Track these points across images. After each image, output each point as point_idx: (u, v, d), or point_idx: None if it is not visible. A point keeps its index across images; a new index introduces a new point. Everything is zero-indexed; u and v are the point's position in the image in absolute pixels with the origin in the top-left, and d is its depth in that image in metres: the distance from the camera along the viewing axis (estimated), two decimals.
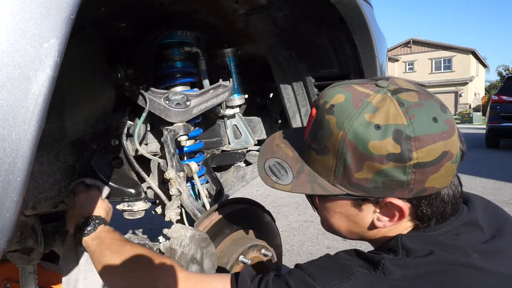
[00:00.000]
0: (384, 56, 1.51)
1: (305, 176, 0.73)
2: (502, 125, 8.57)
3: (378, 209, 0.70)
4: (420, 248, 0.66)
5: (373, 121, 0.63)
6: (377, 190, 0.66)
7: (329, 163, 0.68)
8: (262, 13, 1.34)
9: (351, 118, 0.64)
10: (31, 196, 1.11)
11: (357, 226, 0.75)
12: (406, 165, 0.62)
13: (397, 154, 0.62)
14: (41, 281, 1.63)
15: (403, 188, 0.65)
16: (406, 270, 0.63)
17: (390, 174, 0.64)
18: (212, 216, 1.15)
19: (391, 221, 0.70)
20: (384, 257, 0.65)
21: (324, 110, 0.68)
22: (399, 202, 0.67)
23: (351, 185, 0.67)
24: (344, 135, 0.64)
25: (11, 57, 0.51)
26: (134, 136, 1.22)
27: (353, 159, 0.65)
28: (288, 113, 1.59)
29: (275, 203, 4.44)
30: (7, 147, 0.52)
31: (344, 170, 0.67)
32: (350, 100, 0.66)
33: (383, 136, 0.62)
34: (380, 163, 0.63)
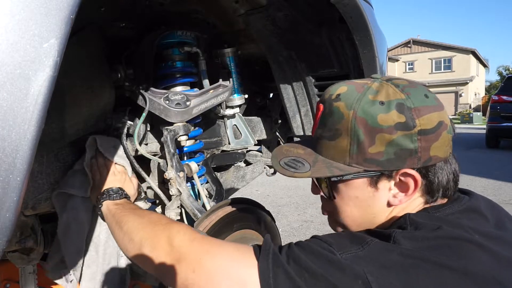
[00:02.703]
0: (384, 56, 1.50)
1: (321, 163, 0.77)
2: (502, 125, 8.58)
3: (393, 185, 0.75)
4: (428, 223, 0.69)
5: (377, 99, 0.72)
6: (390, 162, 0.72)
7: (343, 144, 0.74)
8: (262, 13, 1.33)
9: (357, 100, 0.73)
10: (31, 196, 1.11)
11: (371, 211, 0.78)
12: (412, 132, 0.70)
13: (403, 123, 0.70)
14: (41, 281, 1.63)
15: (412, 157, 0.71)
16: (415, 242, 0.66)
17: (400, 143, 0.70)
18: (212, 216, 1.15)
19: (406, 195, 0.74)
20: (394, 231, 0.69)
21: (332, 100, 0.76)
22: (412, 171, 0.72)
23: (366, 161, 0.73)
24: (355, 113, 0.72)
25: (11, 57, 0.51)
26: (134, 136, 1.22)
27: (365, 134, 0.71)
28: (288, 113, 1.59)
29: (275, 203, 4.45)
30: (6, 147, 0.52)
31: (358, 147, 0.72)
32: (353, 89, 0.75)
33: (388, 110, 0.71)
34: (390, 134, 0.70)
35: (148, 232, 0.86)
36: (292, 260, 0.68)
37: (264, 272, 0.68)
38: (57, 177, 1.16)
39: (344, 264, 0.65)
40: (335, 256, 0.66)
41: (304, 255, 0.68)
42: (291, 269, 0.67)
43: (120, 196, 1.09)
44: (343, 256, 0.66)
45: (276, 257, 0.69)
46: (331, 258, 0.66)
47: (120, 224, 0.95)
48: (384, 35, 1.55)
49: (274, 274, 0.67)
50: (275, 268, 0.67)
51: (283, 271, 0.67)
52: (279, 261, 0.68)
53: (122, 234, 0.92)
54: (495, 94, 9.26)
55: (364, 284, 0.61)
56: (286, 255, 0.69)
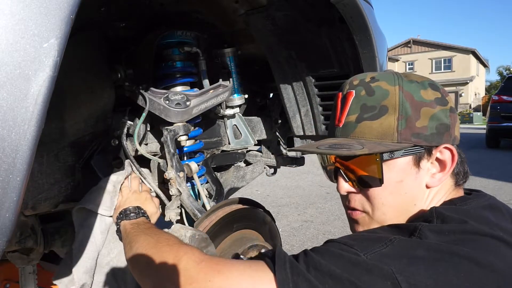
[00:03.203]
0: (384, 56, 1.50)
1: (371, 145, 0.73)
2: (503, 125, 8.58)
3: (431, 164, 0.76)
4: (455, 216, 0.69)
5: (411, 79, 0.76)
6: (433, 137, 0.74)
7: (390, 121, 0.73)
8: (262, 13, 1.33)
9: (398, 78, 0.76)
10: (31, 196, 1.11)
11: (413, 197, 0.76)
12: (446, 108, 0.75)
13: (440, 98, 0.75)
14: (41, 281, 1.63)
15: (448, 132, 0.75)
16: (442, 235, 0.65)
17: (439, 117, 0.74)
18: (212, 216, 1.15)
19: (443, 173, 0.76)
20: (420, 224, 0.67)
21: (367, 83, 0.77)
22: (450, 146, 0.75)
23: (414, 136, 0.73)
24: (401, 88, 0.74)
25: (11, 57, 0.51)
26: (134, 136, 1.22)
27: (412, 109, 0.73)
28: (288, 113, 1.59)
29: (275, 203, 4.45)
30: (6, 147, 0.52)
31: (407, 122, 0.73)
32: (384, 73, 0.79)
33: (425, 87, 0.75)
34: (432, 107, 0.73)
35: (154, 253, 0.82)
36: (312, 267, 0.64)
37: (283, 283, 0.63)
38: (57, 177, 1.16)
39: (371, 265, 0.61)
40: (359, 257, 0.63)
41: (324, 260, 0.64)
42: (313, 277, 0.62)
43: (137, 215, 1.07)
44: (368, 256, 0.62)
45: (294, 265, 0.65)
46: (355, 259, 0.62)
47: (131, 244, 0.93)
48: (384, 35, 1.55)
49: (294, 285, 0.62)
50: (294, 278, 0.63)
51: (304, 279, 0.62)
52: (298, 270, 0.64)
53: (131, 254, 0.90)
54: (495, 94, 9.26)
55: (394, 285, 0.59)
56: (304, 262, 0.65)
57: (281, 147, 1.85)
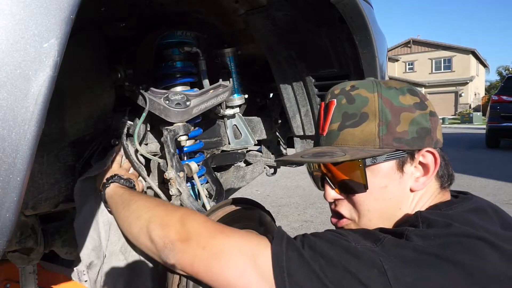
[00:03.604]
0: (384, 56, 1.50)
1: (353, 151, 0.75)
2: (502, 125, 8.58)
3: (414, 168, 0.77)
4: (440, 220, 0.70)
5: (390, 86, 0.78)
6: (415, 141, 0.75)
7: (371, 127, 0.75)
8: (262, 13, 1.33)
9: (376, 85, 0.78)
10: (31, 196, 1.11)
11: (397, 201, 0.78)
12: (426, 112, 0.77)
13: (419, 103, 0.77)
14: (41, 281, 1.63)
15: (429, 136, 0.76)
16: (427, 239, 0.66)
17: (419, 122, 0.75)
18: (211, 216, 1.15)
19: (427, 177, 0.77)
20: (407, 229, 0.69)
21: (347, 91, 0.79)
22: (432, 149, 0.76)
23: (395, 141, 0.75)
24: (380, 95, 0.76)
25: (11, 57, 0.51)
26: (134, 136, 1.22)
27: (392, 114, 0.75)
28: (288, 113, 1.59)
29: (275, 203, 4.45)
30: (6, 147, 0.52)
31: (387, 127, 0.75)
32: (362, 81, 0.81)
33: (403, 93, 0.77)
34: (411, 112, 0.75)
35: (160, 211, 0.85)
36: (307, 245, 0.68)
37: (277, 254, 0.68)
38: (57, 177, 1.16)
39: (360, 252, 0.65)
40: (351, 244, 0.67)
41: (320, 242, 0.68)
42: (307, 254, 0.67)
43: (130, 184, 1.08)
44: (358, 246, 0.67)
45: (291, 242, 0.69)
46: (347, 245, 0.66)
47: (129, 203, 0.93)
48: (384, 35, 1.55)
49: (287, 258, 0.67)
50: (289, 252, 0.67)
51: (298, 255, 0.67)
52: (294, 246, 0.68)
53: (128, 212, 0.90)
54: (495, 94, 9.27)
55: (380, 272, 0.62)
56: (301, 241, 0.70)
57: (281, 147, 1.85)
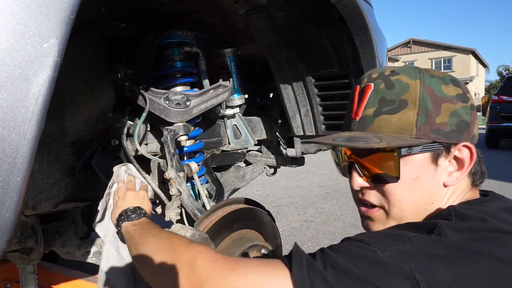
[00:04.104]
0: (384, 56, 1.50)
1: (389, 139, 0.72)
2: (502, 125, 8.57)
3: (449, 162, 0.74)
4: (474, 214, 0.67)
5: (432, 74, 0.74)
6: (453, 134, 0.72)
7: (409, 116, 0.71)
8: (262, 13, 1.33)
9: (419, 71, 0.74)
10: (31, 196, 1.11)
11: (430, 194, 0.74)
12: (467, 105, 0.73)
13: (461, 94, 0.72)
14: (41, 281, 1.63)
15: (467, 131, 0.73)
16: (462, 233, 0.63)
17: (460, 114, 0.72)
18: (212, 216, 1.15)
19: (461, 172, 0.74)
20: (440, 221, 0.66)
21: (387, 76, 0.75)
22: (469, 144, 0.73)
23: (433, 132, 0.71)
24: (422, 82, 0.72)
25: (11, 57, 0.51)
26: (134, 136, 1.22)
27: (433, 104, 0.71)
28: (288, 113, 1.59)
29: (275, 203, 4.44)
30: (7, 147, 0.52)
31: (426, 117, 0.71)
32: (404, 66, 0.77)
33: (446, 83, 0.73)
34: (453, 104, 0.71)
35: (168, 255, 0.80)
36: (329, 265, 0.63)
37: (300, 281, 0.62)
38: (57, 177, 1.16)
39: (389, 263, 0.60)
40: (377, 255, 0.61)
41: (342, 258, 0.63)
42: (330, 275, 0.61)
43: (139, 215, 1.04)
44: (386, 254, 0.61)
45: (311, 264, 0.64)
46: (373, 257, 0.61)
47: (138, 247, 0.90)
48: (384, 35, 1.55)
49: (311, 283, 0.61)
50: (311, 276, 0.62)
51: (321, 278, 0.61)
52: (315, 268, 0.63)
53: (141, 257, 0.88)
54: (495, 94, 9.26)
55: (413, 284, 0.58)
56: (321, 260, 0.64)
57: (281, 147, 1.85)
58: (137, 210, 1.05)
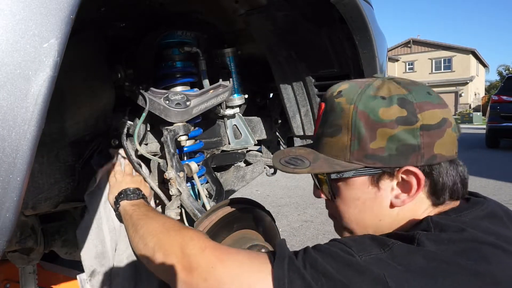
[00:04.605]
0: (384, 56, 1.50)
1: (322, 161, 0.75)
2: (502, 125, 8.57)
3: (395, 185, 0.72)
4: (452, 225, 0.66)
5: (378, 94, 0.71)
6: (392, 159, 0.69)
7: (344, 140, 0.72)
8: (262, 13, 1.33)
9: (359, 94, 0.72)
10: (31, 196, 1.11)
11: (376, 214, 0.75)
12: (414, 127, 0.68)
13: (404, 117, 0.68)
14: (41, 281, 1.63)
15: (415, 153, 0.69)
16: (441, 244, 0.63)
17: (402, 138, 0.68)
18: (212, 216, 1.15)
19: (409, 195, 0.71)
20: (418, 233, 0.65)
21: (333, 97, 0.75)
22: (415, 169, 0.69)
23: (367, 158, 0.70)
24: (356, 107, 0.70)
25: (11, 57, 0.51)
26: (134, 136, 1.22)
27: (366, 129, 0.69)
28: (288, 113, 1.59)
29: (275, 203, 4.44)
30: (6, 147, 0.52)
31: (359, 143, 0.70)
32: (354, 85, 0.75)
33: (390, 104, 0.69)
34: (391, 128, 0.68)
35: (162, 238, 0.85)
36: (308, 264, 0.65)
37: (279, 278, 0.64)
38: (57, 177, 1.16)
39: (363, 267, 0.61)
40: (354, 258, 0.63)
41: (321, 258, 0.65)
42: (308, 274, 0.63)
43: (138, 196, 1.09)
44: (363, 258, 0.63)
45: (292, 262, 0.66)
46: (350, 260, 0.63)
47: (136, 227, 0.94)
48: (384, 35, 1.55)
49: (289, 280, 0.63)
50: (290, 274, 0.64)
51: (299, 276, 0.63)
52: (295, 266, 0.65)
53: (137, 238, 0.92)
54: (495, 94, 9.26)
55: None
56: (302, 259, 0.66)
57: (281, 147, 1.85)
58: (136, 191, 1.10)
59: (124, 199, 1.07)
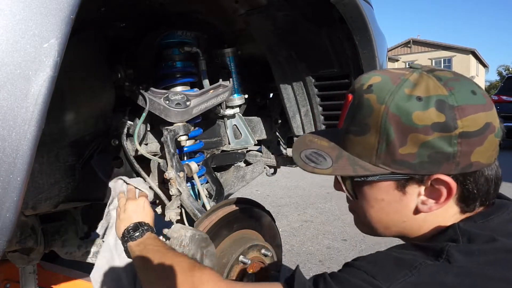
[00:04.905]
0: (384, 56, 1.50)
1: (345, 160, 0.70)
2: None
3: (423, 190, 0.67)
4: (481, 233, 0.62)
5: (414, 93, 0.63)
6: (423, 166, 0.64)
7: (370, 142, 0.66)
8: (262, 13, 1.34)
9: (391, 93, 0.64)
10: (31, 196, 1.11)
11: (400, 216, 0.70)
12: (452, 134, 0.62)
13: (442, 123, 0.61)
14: (41, 281, 1.63)
15: (449, 162, 0.63)
16: (472, 257, 0.59)
17: (436, 146, 0.62)
18: (212, 216, 1.15)
19: (437, 203, 0.67)
20: (448, 244, 0.61)
21: (362, 91, 0.68)
22: (447, 178, 0.64)
23: (394, 163, 0.65)
24: (387, 109, 0.64)
25: (11, 57, 0.51)
26: (134, 136, 1.22)
27: (397, 133, 0.63)
28: (288, 113, 1.59)
29: (275, 203, 4.44)
30: (7, 147, 0.52)
31: (387, 147, 0.64)
32: (387, 79, 0.67)
33: (426, 107, 0.62)
34: (425, 134, 0.62)
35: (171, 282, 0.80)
36: None
37: None
38: (57, 177, 1.16)
39: None
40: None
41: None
42: None
43: (141, 233, 1.00)
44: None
45: None
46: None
47: (144, 270, 0.90)
48: (384, 35, 1.55)
49: None
50: None
51: None
52: None
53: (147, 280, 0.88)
54: (494, 94, 9.25)
55: None
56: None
57: (281, 147, 1.85)
58: (139, 228, 1.00)
59: (128, 241, 0.99)
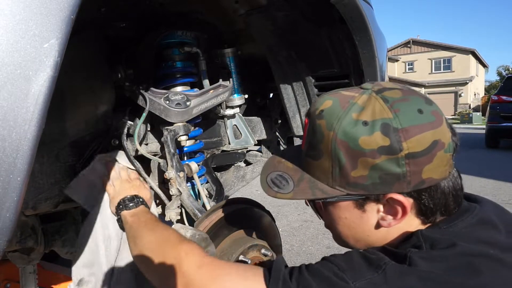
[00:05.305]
0: (384, 56, 1.50)
1: (306, 183, 0.75)
2: (502, 125, 8.58)
3: (381, 208, 0.71)
4: (443, 238, 0.65)
5: (360, 118, 0.66)
6: (375, 187, 0.68)
7: (325, 166, 0.71)
8: (262, 13, 1.34)
9: (339, 119, 0.68)
10: (31, 196, 1.11)
11: (363, 230, 0.75)
12: (398, 156, 0.65)
13: (387, 147, 0.64)
14: (41, 281, 1.63)
15: (400, 182, 0.66)
16: (433, 262, 0.62)
17: (385, 168, 0.65)
18: (212, 216, 1.16)
19: (395, 219, 0.71)
20: (410, 250, 0.64)
21: (315, 116, 0.72)
22: (400, 197, 0.68)
23: (349, 185, 0.69)
24: (335, 135, 0.67)
25: (11, 57, 0.51)
26: (134, 136, 1.22)
27: (347, 158, 0.67)
28: (288, 113, 1.59)
29: (275, 203, 4.44)
30: (7, 147, 0.52)
31: (340, 170, 0.69)
32: (337, 103, 0.70)
33: (371, 131, 0.65)
34: (372, 158, 0.65)
35: (159, 252, 0.86)
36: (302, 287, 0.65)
37: None
38: (57, 177, 1.16)
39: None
40: (348, 285, 0.62)
41: (315, 282, 0.65)
42: None
43: (136, 204, 1.06)
44: (357, 284, 0.62)
45: (287, 284, 0.66)
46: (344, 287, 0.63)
47: (135, 239, 0.95)
48: (384, 35, 1.55)
49: None
50: None
51: None
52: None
53: (136, 250, 0.93)
54: (494, 94, 9.26)
55: None
56: (296, 282, 0.66)
57: (281, 147, 1.86)
58: (134, 199, 1.07)
59: (123, 209, 1.05)
